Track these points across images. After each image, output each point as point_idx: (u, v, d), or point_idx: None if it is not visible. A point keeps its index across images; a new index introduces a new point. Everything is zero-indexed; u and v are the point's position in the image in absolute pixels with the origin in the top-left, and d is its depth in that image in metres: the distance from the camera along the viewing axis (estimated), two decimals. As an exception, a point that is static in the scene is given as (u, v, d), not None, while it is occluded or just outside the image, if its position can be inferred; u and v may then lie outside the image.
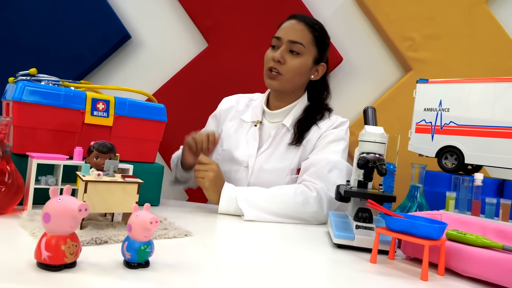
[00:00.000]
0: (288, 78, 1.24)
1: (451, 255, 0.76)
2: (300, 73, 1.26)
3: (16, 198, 0.83)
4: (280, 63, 1.23)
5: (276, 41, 1.26)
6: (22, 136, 0.91)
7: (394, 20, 1.78)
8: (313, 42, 1.26)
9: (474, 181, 0.88)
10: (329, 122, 1.28)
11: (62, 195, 0.59)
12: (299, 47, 1.23)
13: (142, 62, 1.85)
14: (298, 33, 1.24)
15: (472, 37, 1.74)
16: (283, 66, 1.23)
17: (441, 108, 1.14)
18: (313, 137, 1.25)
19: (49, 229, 0.57)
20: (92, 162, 0.84)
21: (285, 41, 1.23)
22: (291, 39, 1.23)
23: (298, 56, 1.24)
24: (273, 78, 1.25)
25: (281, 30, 1.27)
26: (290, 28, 1.25)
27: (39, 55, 1.77)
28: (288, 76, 1.24)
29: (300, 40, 1.23)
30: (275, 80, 1.24)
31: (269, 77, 1.26)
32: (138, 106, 1.05)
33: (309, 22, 1.27)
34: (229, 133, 1.33)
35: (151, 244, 0.63)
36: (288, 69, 1.23)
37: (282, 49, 1.23)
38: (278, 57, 1.22)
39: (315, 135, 1.25)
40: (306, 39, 1.24)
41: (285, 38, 1.23)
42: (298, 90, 1.32)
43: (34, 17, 1.77)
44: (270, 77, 1.25)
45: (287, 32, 1.24)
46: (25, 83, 0.91)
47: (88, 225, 0.78)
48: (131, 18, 1.85)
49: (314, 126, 1.27)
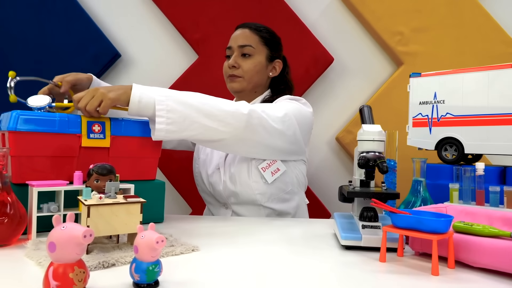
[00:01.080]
0: (247, 79, 1.36)
1: (459, 247, 0.76)
2: (256, 71, 1.36)
3: (20, 228, 0.82)
4: (236, 68, 1.35)
5: (229, 51, 1.39)
6: (20, 165, 0.91)
7: (381, 16, 1.79)
8: (261, 42, 1.38)
9: (476, 170, 0.88)
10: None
11: (65, 222, 0.58)
12: (248, 49, 1.35)
13: (134, 79, 1.85)
14: (245, 37, 1.36)
15: (460, 26, 1.75)
16: (239, 70, 1.35)
17: (436, 101, 1.14)
18: None
19: (55, 258, 0.56)
20: (93, 185, 0.84)
21: (235, 47, 1.37)
22: (239, 44, 1.36)
23: (250, 57, 1.36)
24: (233, 81, 1.36)
25: (231, 40, 1.39)
26: (237, 36, 1.38)
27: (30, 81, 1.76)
28: (247, 76, 1.35)
29: (248, 43, 1.35)
30: (235, 82, 1.36)
31: (230, 81, 1.37)
32: (134, 124, 1.05)
33: (253, 26, 1.39)
34: None
35: (159, 263, 0.62)
36: (244, 71, 1.35)
37: (235, 55, 1.36)
38: (232, 63, 1.35)
39: None
40: (253, 41, 1.36)
41: (234, 45, 1.37)
42: (260, 88, 1.41)
43: (22, 42, 1.77)
44: (231, 80, 1.37)
45: (235, 40, 1.37)
46: (18, 112, 0.90)
47: (94, 249, 0.77)
48: (120, 37, 1.86)
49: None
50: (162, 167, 1.79)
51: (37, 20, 1.78)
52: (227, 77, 1.38)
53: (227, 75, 1.39)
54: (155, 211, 1.08)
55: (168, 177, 1.81)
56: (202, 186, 1.38)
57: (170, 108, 1.00)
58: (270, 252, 0.85)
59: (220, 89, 1.78)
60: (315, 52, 1.78)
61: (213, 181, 1.32)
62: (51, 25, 1.78)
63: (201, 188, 1.40)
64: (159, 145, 1.10)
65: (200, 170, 1.38)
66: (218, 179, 1.30)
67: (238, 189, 1.24)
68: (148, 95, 1.00)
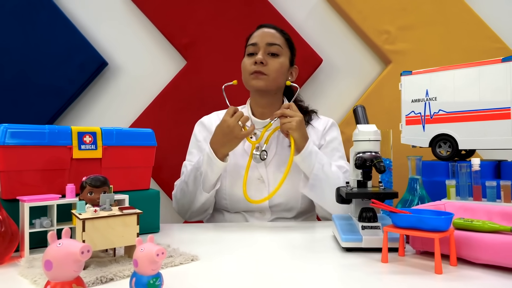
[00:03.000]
0: (272, 78, 1.28)
1: (461, 244, 0.75)
2: (282, 72, 1.30)
3: (12, 246, 0.80)
4: (263, 65, 1.26)
5: (253, 48, 1.29)
6: (10, 180, 0.88)
7: (367, 15, 1.80)
8: (286, 44, 1.33)
9: (472, 166, 0.88)
10: (321, 121, 1.39)
11: (61, 238, 0.56)
12: (277, 48, 1.28)
13: (122, 87, 1.83)
14: (273, 36, 1.30)
15: (445, 23, 1.77)
16: (266, 68, 1.26)
17: (428, 98, 1.14)
18: (313, 137, 1.33)
19: (52, 276, 0.54)
20: (87, 198, 0.82)
21: (262, 45, 1.28)
22: (268, 41, 1.28)
23: (277, 57, 1.29)
24: (258, 78, 1.27)
25: (255, 37, 1.31)
26: (264, 33, 1.30)
27: (17, 90, 1.73)
28: (272, 76, 1.28)
29: (276, 42, 1.29)
30: (260, 79, 1.27)
31: (254, 77, 1.27)
32: (125, 134, 1.03)
33: (278, 28, 1.35)
34: None
35: (160, 276, 0.60)
36: (271, 69, 1.27)
37: (262, 52, 1.27)
38: (261, 59, 1.25)
39: (316, 136, 1.35)
40: (281, 41, 1.31)
41: (261, 43, 1.28)
42: (279, 92, 1.36)
43: (5, 52, 1.73)
44: (255, 77, 1.27)
45: (262, 37, 1.29)
46: (6, 126, 0.88)
47: (91, 264, 0.75)
48: (106, 45, 1.83)
49: (309, 126, 1.36)
50: (154, 176, 1.76)
51: (21, 30, 1.75)
52: (250, 73, 1.28)
53: (250, 72, 1.28)
54: (150, 221, 1.06)
55: (161, 186, 1.79)
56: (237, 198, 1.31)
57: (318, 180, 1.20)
58: (271, 258, 0.83)
59: (210, 94, 1.77)
60: (303, 54, 1.78)
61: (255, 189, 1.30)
62: (35, 35, 1.75)
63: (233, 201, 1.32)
64: (152, 154, 1.08)
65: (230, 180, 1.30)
66: (263, 189, 1.30)
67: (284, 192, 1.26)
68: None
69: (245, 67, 1.31)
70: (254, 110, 1.36)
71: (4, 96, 1.73)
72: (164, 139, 1.68)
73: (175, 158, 1.66)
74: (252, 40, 1.31)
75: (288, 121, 1.17)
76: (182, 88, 1.79)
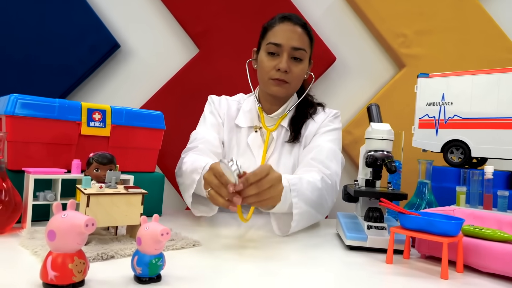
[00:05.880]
0: (294, 86, 1.21)
1: (469, 251, 0.74)
2: (302, 78, 1.23)
3: (14, 216, 0.79)
4: (286, 73, 1.17)
5: (275, 48, 1.17)
6: (17, 151, 0.87)
7: (385, 17, 1.77)
8: (309, 44, 1.23)
9: (485, 174, 0.87)
10: (324, 115, 1.29)
11: (66, 210, 0.55)
12: (301, 53, 1.18)
13: (133, 71, 1.81)
14: (300, 38, 1.18)
15: (463, 30, 1.74)
16: (289, 75, 1.17)
17: (444, 102, 1.12)
18: (311, 131, 1.24)
19: (54, 247, 0.53)
20: (92, 174, 0.81)
21: (286, 48, 1.16)
22: (294, 45, 1.16)
23: (301, 62, 1.19)
24: (280, 85, 1.18)
25: (280, 35, 1.17)
26: (291, 34, 1.17)
27: (27, 68, 1.73)
28: (294, 84, 1.20)
29: (302, 46, 1.17)
30: (282, 87, 1.18)
31: (276, 84, 1.18)
32: (135, 114, 1.02)
33: (303, 24, 1.22)
34: (225, 140, 1.27)
35: (162, 257, 0.59)
36: (294, 77, 1.18)
37: (286, 57, 1.16)
38: (285, 67, 1.15)
39: (313, 128, 1.25)
40: (306, 43, 1.19)
41: (286, 45, 1.16)
42: None
43: (20, 29, 1.72)
44: (277, 84, 1.18)
45: (288, 38, 1.16)
46: (17, 96, 0.87)
47: (92, 240, 0.74)
48: (120, 27, 1.82)
49: (310, 120, 1.26)
50: (159, 161, 1.75)
51: (35, 7, 1.74)
52: (271, 79, 1.18)
53: (271, 77, 1.18)
54: (153, 204, 1.05)
55: (164, 172, 1.78)
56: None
57: (302, 211, 0.95)
58: (273, 252, 0.82)
59: (219, 85, 1.75)
60: (317, 51, 1.76)
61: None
62: (50, 13, 1.74)
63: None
64: (159, 137, 1.07)
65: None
66: None
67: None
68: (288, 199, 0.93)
69: (264, 69, 1.19)
70: (262, 104, 1.29)
71: (15, 72, 1.72)
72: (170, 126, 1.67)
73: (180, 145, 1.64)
74: (275, 39, 1.17)
75: (266, 198, 0.81)
76: (192, 76, 1.77)
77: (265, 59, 1.19)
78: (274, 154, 1.22)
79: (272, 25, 1.22)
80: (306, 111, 1.27)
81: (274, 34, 1.19)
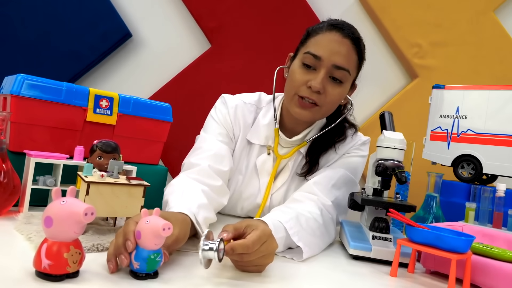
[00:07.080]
0: (325, 110, 1.00)
1: (476, 269, 0.71)
2: (337, 104, 1.02)
3: (12, 198, 0.77)
4: (319, 94, 0.96)
5: (313, 61, 0.96)
6: (19, 132, 0.86)
7: (400, 26, 1.75)
8: (357, 65, 1.02)
9: (497, 191, 0.84)
10: (350, 143, 1.08)
11: (65, 196, 0.53)
12: (343, 74, 0.96)
13: (143, 61, 1.80)
14: (345, 56, 0.96)
15: (479, 45, 1.72)
16: (322, 97, 0.96)
17: (458, 115, 1.10)
18: (329, 161, 1.06)
19: (50, 234, 0.51)
20: (95, 162, 0.79)
21: (327, 64, 0.95)
22: (336, 63, 0.95)
23: (341, 84, 0.98)
24: (305, 108, 0.97)
25: (322, 46, 0.96)
26: (335, 46, 0.95)
27: (37, 52, 1.71)
28: (326, 108, 0.99)
29: (346, 66, 0.96)
30: (308, 110, 0.97)
31: (301, 105, 0.97)
32: (143, 104, 1.00)
33: (354, 38, 0.99)
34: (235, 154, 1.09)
35: (161, 252, 0.57)
36: (328, 101, 0.97)
37: (323, 76, 0.95)
38: (319, 88, 0.94)
39: (333, 160, 1.06)
40: (352, 64, 0.98)
41: (327, 61, 0.95)
42: None
43: (33, 13, 1.71)
44: (302, 106, 0.97)
45: (331, 52, 0.95)
46: (24, 76, 0.85)
47: (89, 230, 0.72)
48: (133, 17, 1.80)
49: (331, 149, 1.06)
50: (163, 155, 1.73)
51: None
52: (298, 95, 0.97)
53: (299, 93, 0.97)
54: (155, 198, 1.03)
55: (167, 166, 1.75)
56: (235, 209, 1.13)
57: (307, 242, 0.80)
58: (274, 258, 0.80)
59: (229, 82, 1.73)
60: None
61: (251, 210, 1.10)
62: (64, -3, 1.73)
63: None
64: (166, 129, 1.05)
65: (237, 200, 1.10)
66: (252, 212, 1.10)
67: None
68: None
69: (294, 82, 0.98)
70: (284, 122, 1.08)
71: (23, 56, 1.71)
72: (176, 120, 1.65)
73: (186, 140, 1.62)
74: (316, 49, 0.96)
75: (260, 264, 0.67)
76: (202, 71, 1.75)
77: (297, 70, 0.98)
78: (283, 186, 1.06)
79: (317, 31, 0.99)
80: (329, 136, 1.07)
81: (316, 43, 0.97)
